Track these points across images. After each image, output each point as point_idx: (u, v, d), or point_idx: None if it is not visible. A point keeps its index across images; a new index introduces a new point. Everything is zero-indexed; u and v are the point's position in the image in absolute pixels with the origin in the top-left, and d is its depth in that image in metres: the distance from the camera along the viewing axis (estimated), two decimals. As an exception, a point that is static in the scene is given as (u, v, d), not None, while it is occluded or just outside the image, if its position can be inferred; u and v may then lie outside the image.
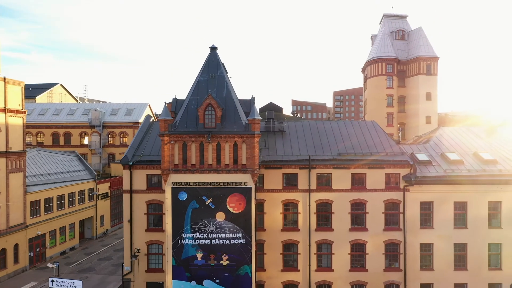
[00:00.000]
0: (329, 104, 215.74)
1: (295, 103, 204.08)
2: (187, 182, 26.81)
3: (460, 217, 32.12)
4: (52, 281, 26.97)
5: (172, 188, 26.74)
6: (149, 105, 76.23)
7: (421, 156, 34.12)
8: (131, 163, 31.26)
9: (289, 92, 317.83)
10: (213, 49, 29.55)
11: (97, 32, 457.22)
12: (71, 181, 50.51)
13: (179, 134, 26.52)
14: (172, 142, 26.51)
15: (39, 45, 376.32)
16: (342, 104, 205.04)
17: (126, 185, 31.75)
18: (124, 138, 72.36)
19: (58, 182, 48.06)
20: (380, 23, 65.22)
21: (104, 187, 57.68)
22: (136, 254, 31.55)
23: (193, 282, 26.98)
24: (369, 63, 61.80)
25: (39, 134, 70.69)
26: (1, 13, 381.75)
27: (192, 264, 26.93)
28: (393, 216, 32.04)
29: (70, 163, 53.51)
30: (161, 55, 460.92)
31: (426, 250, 32.10)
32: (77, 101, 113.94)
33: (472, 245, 31.93)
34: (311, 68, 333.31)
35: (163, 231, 31.14)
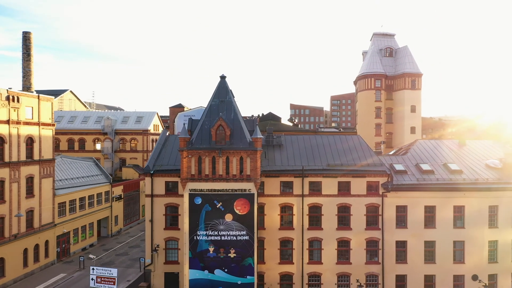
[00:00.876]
0: (327, 107, 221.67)
1: (293, 107, 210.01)
2: (201, 189, 32.64)
3: (430, 219, 37.97)
4: (93, 268, 32.72)
5: (189, 194, 32.56)
6: (157, 113, 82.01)
7: (398, 166, 39.97)
8: (152, 172, 37.02)
9: (288, 95, 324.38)
10: (223, 77, 35.37)
11: (97, 32, 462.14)
12: (91, 184, 56.28)
13: (195, 149, 32.37)
14: (189, 156, 32.32)
15: (39, 44, 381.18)
16: (339, 108, 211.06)
17: (148, 191, 37.46)
18: (133, 144, 78.13)
19: (80, 186, 53.85)
20: (370, 40, 71.11)
21: (117, 190, 63.44)
22: (156, 249, 37.35)
23: (206, 271, 32.81)
24: (360, 77, 67.75)
25: (55, 141, 76.25)
26: (0, 12, 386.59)
27: (205, 256, 32.76)
28: (373, 217, 37.88)
29: (89, 168, 59.29)
30: (161, 55, 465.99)
31: (401, 246, 37.96)
32: (85, 106, 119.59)
33: (439, 242, 37.78)
34: (310, 73, 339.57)
35: (179, 229, 37.06)
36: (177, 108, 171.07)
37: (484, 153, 43.62)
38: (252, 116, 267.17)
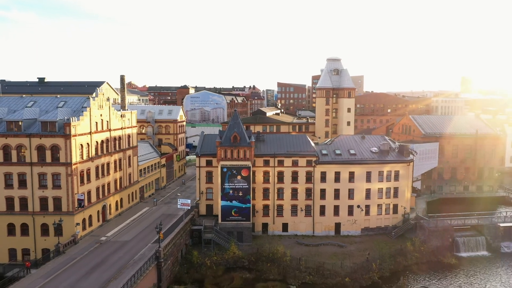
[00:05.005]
0: (309, 84, 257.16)
1: (280, 85, 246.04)
2: (226, 164, 70.27)
3: (337, 178, 76.32)
4: (179, 199, 70.86)
5: (221, 166, 70.31)
6: (181, 107, 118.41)
7: (324, 151, 77.96)
8: (200, 155, 74.75)
9: (276, 72, 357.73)
10: (235, 111, 72.30)
11: None
12: (151, 158, 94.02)
13: (223, 146, 69.86)
14: (221, 149, 69.80)
15: (20, 1, 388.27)
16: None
17: (197, 164, 75.44)
18: (165, 129, 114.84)
19: (147, 160, 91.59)
20: (326, 61, 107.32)
21: (163, 161, 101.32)
22: (202, 192, 75.69)
23: (228, 202, 71.11)
24: (317, 89, 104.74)
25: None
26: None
27: (228, 195, 70.92)
28: (309, 177, 76.01)
29: (147, 148, 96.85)
30: (153, 15, 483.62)
31: (323, 192, 76.45)
32: (117, 93, 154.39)
33: (342, 189, 76.34)
34: (296, 55, 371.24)
35: (213, 183, 75.26)
36: (184, 89, 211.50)
37: (373, 143, 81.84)
38: (244, 87, 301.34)
